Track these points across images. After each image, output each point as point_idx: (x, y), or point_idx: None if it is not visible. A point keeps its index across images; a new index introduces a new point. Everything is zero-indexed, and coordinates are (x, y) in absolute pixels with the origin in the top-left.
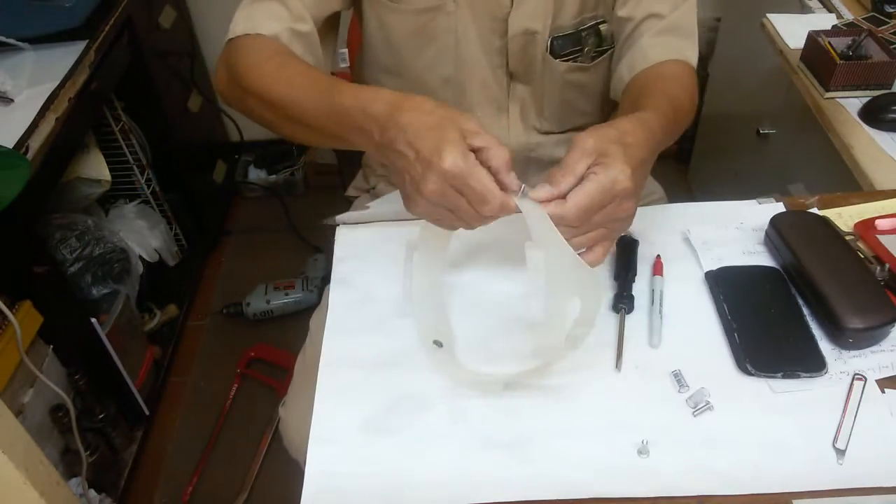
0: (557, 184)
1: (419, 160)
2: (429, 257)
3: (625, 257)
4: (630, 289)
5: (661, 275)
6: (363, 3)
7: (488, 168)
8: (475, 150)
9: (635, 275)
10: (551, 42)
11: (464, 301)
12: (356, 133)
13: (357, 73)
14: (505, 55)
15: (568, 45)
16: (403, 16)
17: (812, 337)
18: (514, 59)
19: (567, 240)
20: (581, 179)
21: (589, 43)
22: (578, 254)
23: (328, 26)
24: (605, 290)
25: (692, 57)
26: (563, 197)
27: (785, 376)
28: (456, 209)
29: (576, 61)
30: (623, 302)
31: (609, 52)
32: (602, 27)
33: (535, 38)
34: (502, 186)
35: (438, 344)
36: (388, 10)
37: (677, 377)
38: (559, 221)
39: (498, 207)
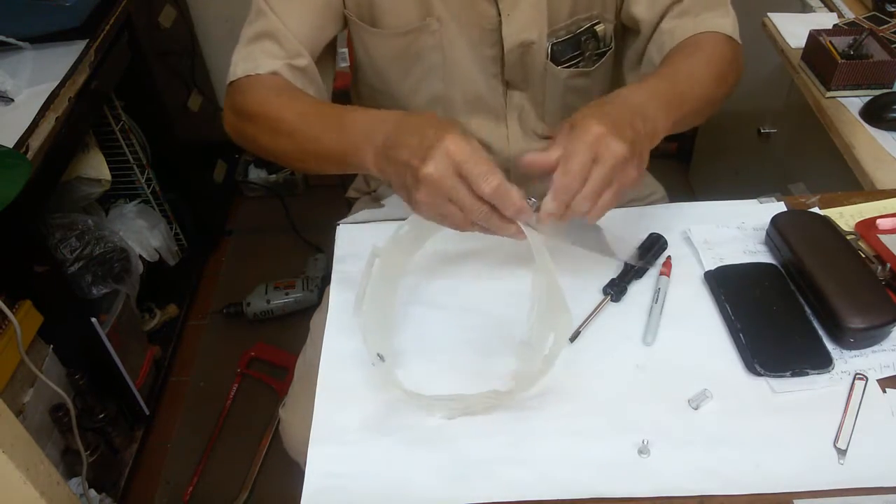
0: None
1: (422, 146)
2: (389, 269)
3: (643, 250)
4: (628, 280)
5: (669, 275)
6: (350, 27)
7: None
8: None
9: (644, 270)
10: (551, 48)
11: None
12: (362, 143)
13: (353, 88)
14: (499, 64)
15: (568, 50)
16: (386, 39)
17: (816, 332)
18: (512, 68)
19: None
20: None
21: (589, 47)
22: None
23: (327, 50)
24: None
25: (724, 25)
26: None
27: (794, 374)
28: (455, 197)
29: (577, 66)
30: (612, 288)
31: (608, 53)
32: (598, 28)
33: (532, 48)
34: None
35: (381, 358)
36: (370, 34)
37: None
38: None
39: (494, 191)
